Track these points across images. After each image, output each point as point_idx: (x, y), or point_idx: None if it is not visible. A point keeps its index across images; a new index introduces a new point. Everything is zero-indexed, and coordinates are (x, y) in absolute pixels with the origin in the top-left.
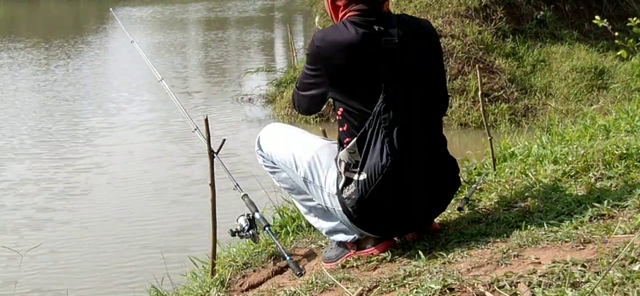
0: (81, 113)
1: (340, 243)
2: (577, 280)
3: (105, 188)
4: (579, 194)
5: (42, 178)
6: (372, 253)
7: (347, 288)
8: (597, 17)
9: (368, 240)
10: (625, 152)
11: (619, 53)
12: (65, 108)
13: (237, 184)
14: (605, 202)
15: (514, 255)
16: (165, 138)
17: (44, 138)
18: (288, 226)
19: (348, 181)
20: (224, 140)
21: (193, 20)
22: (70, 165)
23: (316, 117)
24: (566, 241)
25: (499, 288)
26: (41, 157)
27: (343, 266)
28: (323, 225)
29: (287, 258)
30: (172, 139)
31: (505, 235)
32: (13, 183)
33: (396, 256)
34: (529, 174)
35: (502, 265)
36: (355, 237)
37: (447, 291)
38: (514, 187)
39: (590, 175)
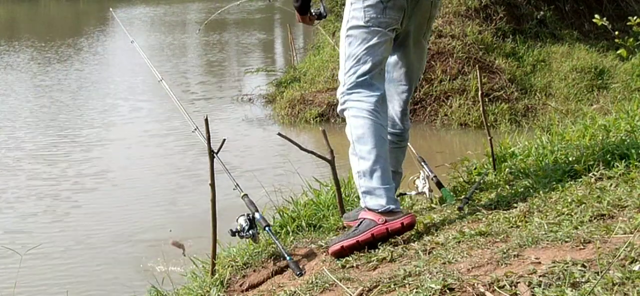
0: (81, 114)
1: (369, 218)
2: (577, 280)
3: (105, 189)
4: (579, 194)
5: (42, 178)
6: (402, 223)
7: (347, 288)
8: (597, 16)
9: (396, 214)
10: (625, 152)
11: (618, 52)
12: (65, 108)
13: (237, 184)
14: (605, 202)
15: (514, 255)
16: (165, 138)
17: (44, 139)
18: (288, 226)
19: None
20: (224, 140)
21: (193, 21)
22: (70, 166)
23: (316, 117)
24: (566, 241)
25: (499, 288)
26: (41, 157)
27: (343, 267)
28: (363, 183)
29: (287, 258)
30: (172, 139)
31: (505, 235)
32: (13, 184)
33: (396, 256)
34: (529, 174)
35: (502, 265)
36: (388, 208)
37: (447, 291)
38: (514, 187)
39: (590, 175)
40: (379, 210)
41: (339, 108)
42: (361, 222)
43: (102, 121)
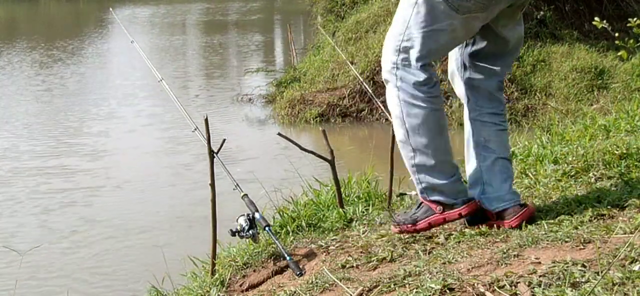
0: (81, 115)
1: (429, 206)
2: (577, 280)
3: (105, 189)
4: (579, 194)
5: (42, 178)
6: (460, 214)
7: (347, 288)
8: (596, 18)
9: (455, 205)
10: (625, 152)
11: (619, 53)
12: (65, 108)
13: (237, 184)
14: (605, 201)
15: (514, 255)
16: (165, 138)
17: (45, 139)
18: (288, 226)
19: None
20: (224, 140)
21: (193, 22)
22: (70, 165)
23: (316, 117)
24: (566, 241)
25: (499, 288)
26: (42, 157)
27: (343, 267)
28: (423, 178)
29: (287, 258)
30: (171, 139)
31: (505, 235)
32: (13, 184)
33: (396, 256)
34: (529, 174)
35: (502, 265)
36: (454, 201)
37: (447, 291)
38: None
39: (590, 175)
40: (442, 200)
41: (385, 76)
42: (420, 206)
43: (101, 122)
